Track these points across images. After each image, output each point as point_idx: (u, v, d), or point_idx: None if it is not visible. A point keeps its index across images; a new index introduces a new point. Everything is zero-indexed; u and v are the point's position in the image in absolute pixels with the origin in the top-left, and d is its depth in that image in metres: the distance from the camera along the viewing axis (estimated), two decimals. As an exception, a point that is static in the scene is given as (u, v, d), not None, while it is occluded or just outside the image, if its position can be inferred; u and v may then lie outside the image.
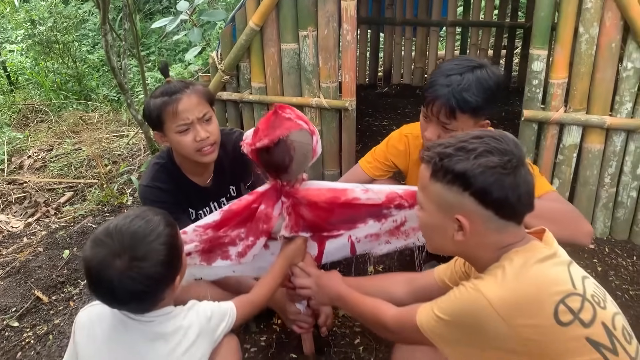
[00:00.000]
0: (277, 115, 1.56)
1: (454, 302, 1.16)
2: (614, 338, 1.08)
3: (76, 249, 2.60)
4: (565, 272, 1.14)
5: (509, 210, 1.13)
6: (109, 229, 1.21)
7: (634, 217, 2.45)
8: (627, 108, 2.27)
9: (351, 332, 2.00)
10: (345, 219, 1.73)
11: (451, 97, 1.59)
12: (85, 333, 1.32)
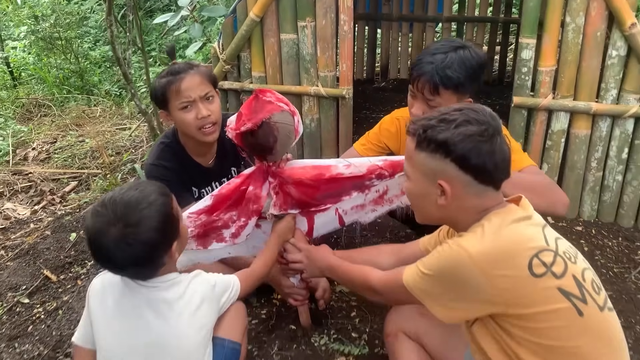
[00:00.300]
0: (258, 99, 1.63)
1: (438, 258, 1.25)
2: (584, 289, 1.18)
3: (82, 232, 2.69)
4: (540, 232, 1.23)
5: (487, 175, 1.23)
6: (105, 200, 1.29)
7: (619, 200, 2.54)
8: (612, 94, 2.37)
9: (348, 305, 2.09)
10: (331, 194, 1.81)
11: (435, 73, 1.70)
12: (98, 299, 1.40)
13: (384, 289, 1.43)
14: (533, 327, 1.16)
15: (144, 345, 1.33)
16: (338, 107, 2.73)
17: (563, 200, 1.70)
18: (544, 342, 1.16)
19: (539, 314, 1.15)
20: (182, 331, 1.35)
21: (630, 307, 2.03)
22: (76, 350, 1.45)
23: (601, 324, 1.19)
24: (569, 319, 1.15)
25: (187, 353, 1.36)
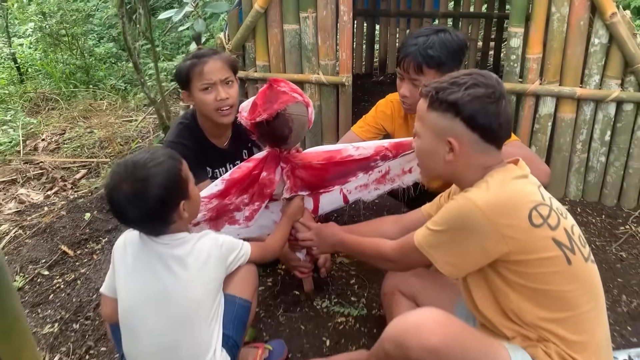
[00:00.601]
0: (273, 89, 1.70)
1: (446, 212, 1.36)
2: (573, 241, 1.33)
3: (96, 212, 2.84)
4: (536, 189, 1.38)
5: (492, 134, 1.37)
6: (120, 162, 1.44)
7: (603, 181, 2.70)
8: (595, 80, 2.53)
9: (347, 274, 2.24)
10: (338, 175, 1.94)
11: (418, 54, 1.87)
12: (120, 254, 1.55)
13: (396, 256, 1.53)
14: (528, 273, 1.29)
15: (155, 296, 1.47)
16: (338, 94, 2.88)
17: (545, 170, 1.86)
18: (537, 287, 1.29)
19: (535, 261, 1.28)
20: (189, 284, 1.47)
21: (609, 274, 2.19)
22: (103, 298, 1.60)
23: (585, 273, 1.34)
24: (559, 266, 1.29)
25: (194, 304, 1.48)
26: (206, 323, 1.49)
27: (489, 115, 1.35)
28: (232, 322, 1.59)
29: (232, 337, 1.57)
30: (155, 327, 1.46)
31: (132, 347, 1.50)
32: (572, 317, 1.29)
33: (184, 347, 1.46)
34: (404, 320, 1.29)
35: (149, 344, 1.46)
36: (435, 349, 1.21)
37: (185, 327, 1.46)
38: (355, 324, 1.96)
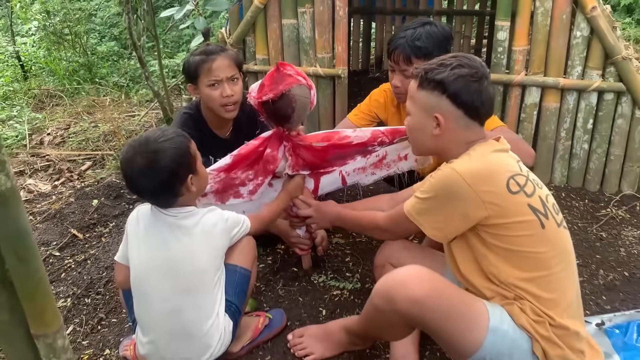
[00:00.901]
0: (279, 71, 1.85)
1: (432, 181, 1.50)
2: (547, 208, 1.47)
3: (103, 199, 2.97)
4: (515, 162, 1.52)
5: (475, 111, 1.51)
6: (135, 138, 1.58)
7: (586, 167, 2.84)
8: (578, 71, 2.67)
9: (342, 253, 2.38)
10: (338, 157, 2.09)
11: (406, 46, 2.01)
12: (133, 225, 1.68)
13: (389, 225, 1.68)
14: (506, 235, 1.43)
15: (163, 263, 1.60)
16: (334, 86, 3.01)
17: (529, 152, 2.00)
18: (513, 248, 1.43)
19: (512, 224, 1.42)
20: (195, 253, 1.61)
21: (589, 252, 2.33)
22: (116, 265, 1.73)
23: (557, 236, 1.47)
24: (534, 230, 1.43)
25: (199, 271, 1.62)
26: (210, 289, 1.63)
27: (471, 93, 1.49)
28: (233, 289, 1.72)
29: (234, 302, 1.70)
30: (163, 292, 1.59)
31: (142, 310, 1.64)
32: (545, 276, 1.43)
33: (189, 310, 1.60)
34: (392, 276, 1.43)
35: (158, 308, 1.60)
36: (419, 300, 1.35)
37: (190, 292, 1.60)
38: (350, 296, 2.09)
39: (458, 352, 1.42)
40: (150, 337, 1.63)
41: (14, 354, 1.52)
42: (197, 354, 1.62)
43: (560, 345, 1.41)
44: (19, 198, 1.35)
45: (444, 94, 1.50)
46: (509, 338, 1.40)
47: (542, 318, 1.41)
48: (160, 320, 1.61)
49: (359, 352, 1.81)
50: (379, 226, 1.72)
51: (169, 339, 1.61)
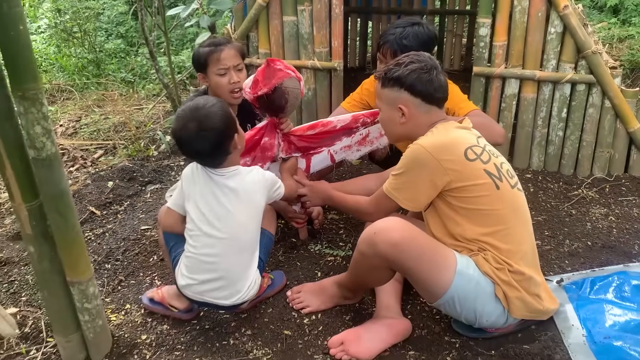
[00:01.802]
0: (270, 67, 2.10)
1: (402, 158, 1.78)
2: (501, 173, 1.73)
3: (118, 181, 3.23)
4: (474, 137, 1.78)
5: (430, 97, 1.78)
6: (183, 108, 1.84)
7: (561, 153, 3.09)
8: (553, 64, 2.92)
9: (337, 226, 2.63)
10: (325, 140, 2.37)
11: (395, 42, 2.28)
12: (188, 180, 1.93)
13: (371, 207, 1.93)
14: (466, 197, 1.69)
15: (213, 215, 1.87)
16: (331, 78, 3.27)
17: (500, 131, 2.26)
18: (474, 208, 1.70)
19: (471, 186, 1.68)
20: (239, 209, 1.88)
21: (558, 225, 2.58)
22: (169, 211, 1.98)
23: (511, 196, 1.74)
24: (489, 190, 1.69)
25: (241, 225, 1.89)
26: (250, 244, 1.92)
27: (424, 83, 1.77)
28: (263, 247, 2.01)
29: (262, 259, 1.99)
30: (212, 240, 1.86)
31: (194, 252, 1.89)
32: (502, 230, 1.69)
33: (229, 256, 1.88)
34: (374, 225, 1.70)
35: (205, 251, 1.87)
36: (396, 243, 1.61)
37: (235, 243, 1.88)
38: (342, 261, 2.35)
39: (430, 292, 1.68)
40: (194, 274, 1.90)
41: (52, 299, 1.79)
42: (227, 295, 1.89)
43: (518, 288, 1.68)
44: (61, 162, 1.63)
45: (402, 88, 1.79)
46: (474, 281, 1.66)
47: (502, 265, 1.67)
48: (206, 262, 1.88)
49: (349, 306, 2.07)
50: (363, 209, 1.98)
51: (210, 279, 1.88)
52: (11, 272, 2.45)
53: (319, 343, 1.90)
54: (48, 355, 1.92)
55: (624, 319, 1.80)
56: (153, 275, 2.33)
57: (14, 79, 1.48)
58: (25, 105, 1.49)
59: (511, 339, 1.84)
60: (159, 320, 2.05)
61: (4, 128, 1.53)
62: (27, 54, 1.47)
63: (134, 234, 2.63)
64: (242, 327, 1.99)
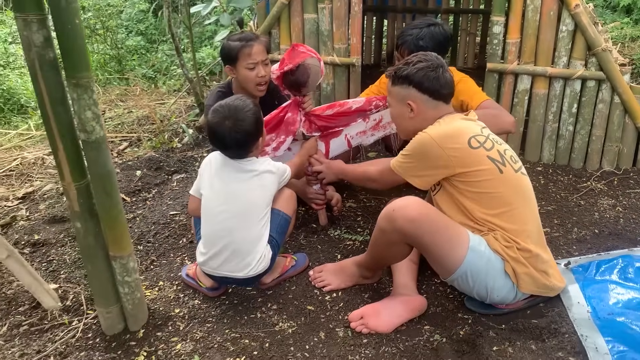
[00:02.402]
0: (294, 49, 2.37)
1: (411, 143, 1.93)
2: (504, 158, 1.86)
3: (146, 170, 3.39)
4: (478, 127, 1.92)
5: (436, 93, 1.93)
6: (221, 104, 2.02)
7: (571, 147, 3.20)
8: (564, 60, 3.04)
9: (354, 214, 2.77)
10: (342, 120, 2.54)
11: (411, 43, 2.43)
12: (206, 166, 2.14)
13: (378, 176, 2.12)
14: (472, 181, 1.83)
15: (228, 194, 2.06)
16: (349, 73, 3.40)
17: (509, 120, 2.39)
18: (480, 191, 1.83)
19: (475, 172, 1.82)
20: (250, 190, 2.07)
21: (567, 215, 2.69)
22: (191, 197, 2.21)
23: (515, 179, 1.87)
24: (493, 175, 1.83)
25: (252, 203, 2.07)
26: (258, 219, 2.07)
27: (430, 80, 1.92)
28: (276, 227, 2.16)
29: (275, 238, 2.14)
30: (224, 214, 2.05)
31: (206, 227, 2.09)
32: (507, 211, 1.83)
33: (240, 231, 2.04)
34: (393, 203, 1.84)
35: (218, 227, 2.05)
36: (414, 219, 1.75)
37: (244, 218, 2.05)
38: (360, 245, 2.48)
39: (445, 267, 1.82)
40: (208, 248, 2.09)
41: (95, 272, 1.95)
42: (240, 267, 2.06)
43: (526, 264, 1.81)
44: (107, 144, 1.78)
45: (410, 85, 1.94)
46: (485, 258, 1.79)
47: (511, 243, 1.80)
48: (218, 236, 2.06)
49: (368, 285, 2.20)
50: (371, 177, 2.16)
51: (221, 251, 2.06)
52: (49, 253, 2.61)
53: (340, 317, 2.03)
54: (89, 326, 2.08)
55: (626, 297, 1.93)
56: (183, 256, 2.48)
57: (69, 67, 1.63)
58: (79, 92, 1.65)
59: (520, 315, 1.96)
60: (191, 296, 2.20)
61: (58, 113, 1.68)
62: (81, 45, 1.63)
63: (163, 218, 2.79)
64: (268, 302, 2.13)
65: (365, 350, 1.87)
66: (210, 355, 1.89)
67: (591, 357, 1.71)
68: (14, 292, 2.32)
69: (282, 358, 1.86)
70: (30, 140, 4.53)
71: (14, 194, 3.40)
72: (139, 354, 1.92)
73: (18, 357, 1.96)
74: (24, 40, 1.59)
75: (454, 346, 1.87)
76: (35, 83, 1.64)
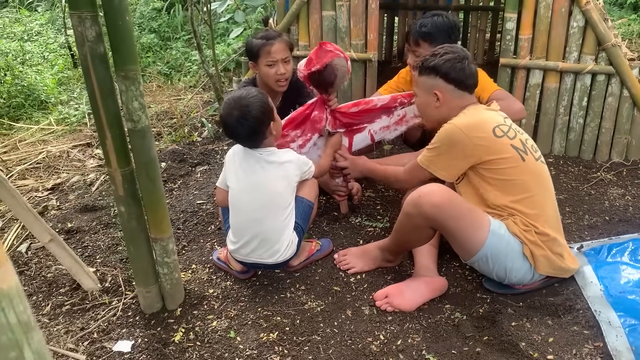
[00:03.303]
0: (322, 48, 2.42)
1: (437, 135, 2.04)
2: (526, 147, 1.97)
3: (170, 162, 3.52)
4: (501, 117, 2.03)
5: (462, 83, 2.03)
6: (228, 97, 2.14)
7: (581, 139, 3.31)
8: (575, 56, 3.15)
9: (374, 203, 2.89)
10: (366, 117, 2.65)
11: (415, 31, 2.54)
12: (230, 159, 2.25)
13: (407, 175, 2.19)
14: (495, 169, 1.94)
15: (253, 185, 2.17)
16: (366, 68, 3.52)
17: (517, 108, 2.50)
18: (503, 178, 1.95)
19: (499, 159, 1.93)
20: (274, 180, 2.17)
21: (578, 203, 2.81)
22: (217, 189, 2.33)
23: (535, 167, 1.99)
24: (516, 162, 1.94)
25: (277, 194, 2.17)
26: (284, 208, 2.18)
27: (457, 71, 2.02)
28: (300, 214, 2.27)
29: (299, 224, 2.25)
30: (250, 205, 2.16)
31: (235, 218, 2.20)
32: (528, 197, 1.94)
33: (268, 220, 2.15)
34: (419, 190, 1.95)
35: (246, 217, 2.15)
36: (439, 205, 1.86)
37: (270, 207, 2.15)
38: (381, 232, 2.61)
39: (467, 249, 1.93)
40: (238, 238, 2.20)
41: (137, 253, 2.08)
42: (269, 254, 2.18)
43: (544, 247, 1.92)
44: (151, 133, 1.90)
45: (437, 76, 2.04)
46: (505, 240, 1.91)
47: (529, 227, 1.92)
48: (247, 226, 2.17)
49: (390, 268, 2.32)
50: (399, 177, 2.25)
51: (251, 240, 2.17)
52: (83, 239, 2.74)
53: (364, 297, 2.16)
54: (128, 305, 2.21)
55: (637, 277, 2.04)
56: (212, 242, 2.61)
57: (119, 61, 1.76)
58: (127, 84, 1.78)
59: (537, 294, 2.08)
60: (223, 277, 2.33)
61: (106, 103, 1.81)
62: (130, 39, 1.76)
63: (190, 207, 2.92)
64: (296, 283, 2.26)
65: (390, 326, 2.00)
66: (245, 331, 2.01)
67: (605, 330, 1.82)
68: (54, 275, 2.45)
69: (312, 333, 1.98)
70: (53, 135, 4.67)
71: (43, 185, 3.54)
72: (178, 330, 2.05)
73: (63, 333, 2.09)
74: (78, 35, 1.72)
75: (474, 322, 1.99)
76: (87, 76, 1.77)
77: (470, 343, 1.89)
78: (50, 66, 6.44)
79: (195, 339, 1.99)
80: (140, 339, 2.01)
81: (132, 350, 1.97)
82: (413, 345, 1.90)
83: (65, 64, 6.71)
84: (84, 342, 2.03)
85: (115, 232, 2.77)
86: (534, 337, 1.88)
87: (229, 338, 1.98)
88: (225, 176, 2.26)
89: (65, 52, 6.83)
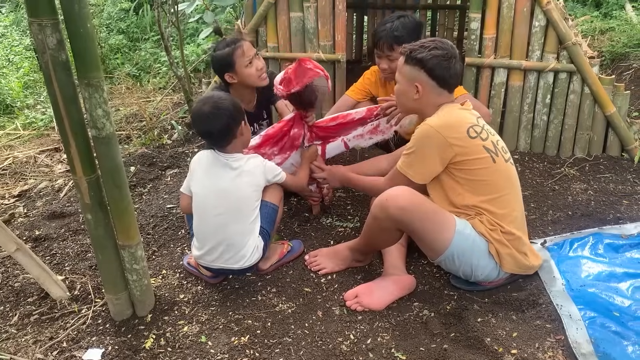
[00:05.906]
0: (301, 66, 2.34)
1: (413, 137, 2.05)
2: (497, 148, 2.02)
3: (139, 166, 3.49)
4: (474, 117, 2.07)
5: (444, 82, 2.05)
6: (201, 98, 2.14)
7: (545, 135, 3.40)
8: (537, 54, 3.22)
9: (344, 203, 2.91)
10: (343, 130, 2.67)
11: (388, 36, 2.57)
12: (196, 164, 2.24)
13: (387, 185, 2.16)
14: (468, 169, 1.97)
15: (218, 190, 2.16)
16: (335, 69, 3.54)
17: (487, 112, 2.55)
18: (474, 179, 1.99)
19: (472, 160, 1.97)
20: (239, 185, 2.17)
21: (543, 199, 2.88)
22: (181, 195, 2.31)
23: (505, 169, 2.03)
24: (487, 164, 1.98)
25: (242, 198, 2.18)
26: (249, 213, 2.18)
27: (443, 69, 2.03)
28: (265, 218, 2.27)
29: (265, 228, 2.25)
30: (215, 211, 2.15)
31: (200, 224, 2.20)
32: (497, 197, 1.99)
33: (232, 225, 2.16)
34: (385, 193, 1.98)
35: (211, 222, 2.15)
36: (405, 207, 1.90)
37: (234, 213, 2.16)
38: (351, 232, 2.64)
39: (434, 249, 1.97)
40: (202, 244, 2.20)
41: (105, 260, 2.07)
42: (234, 260, 2.18)
43: (509, 246, 1.97)
44: (117, 140, 1.89)
45: (422, 69, 2.05)
46: (470, 240, 1.95)
47: (495, 227, 1.96)
48: (212, 232, 2.16)
49: (360, 267, 2.35)
50: (380, 188, 2.20)
51: (216, 246, 2.17)
52: (51, 247, 2.71)
53: (335, 297, 2.18)
54: (98, 313, 2.19)
55: (596, 271, 2.11)
56: (183, 246, 2.60)
57: (81, 68, 1.75)
58: (90, 91, 1.76)
59: (501, 290, 2.14)
60: (194, 282, 2.33)
61: (70, 111, 1.79)
62: (92, 47, 1.74)
63: (160, 211, 2.90)
64: (267, 286, 2.27)
65: (360, 326, 2.03)
66: (216, 336, 2.02)
67: (566, 323, 1.89)
68: (21, 285, 2.42)
69: (283, 335, 2.00)
70: (19, 140, 4.59)
71: (10, 192, 3.48)
72: (148, 336, 2.04)
73: (32, 343, 2.07)
74: (39, 43, 1.70)
75: (441, 319, 2.03)
76: (49, 84, 1.75)
77: (437, 340, 1.93)
78: (15, 69, 6.30)
79: (166, 345, 1.99)
80: (110, 347, 2.00)
81: (103, 358, 1.96)
82: (382, 343, 1.93)
83: (31, 66, 6.57)
84: (53, 351, 2.01)
85: (84, 238, 2.74)
86: (499, 332, 1.93)
87: (200, 343, 1.99)
88: (190, 181, 2.25)
89: (31, 55, 6.69)
